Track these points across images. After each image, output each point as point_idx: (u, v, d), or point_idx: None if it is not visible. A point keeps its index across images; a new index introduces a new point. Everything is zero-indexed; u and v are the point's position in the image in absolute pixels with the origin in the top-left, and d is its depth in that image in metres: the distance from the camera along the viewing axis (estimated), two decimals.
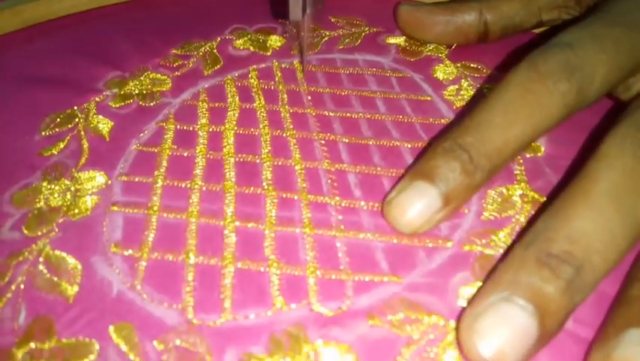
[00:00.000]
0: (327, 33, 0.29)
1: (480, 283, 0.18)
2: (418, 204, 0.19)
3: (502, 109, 0.19)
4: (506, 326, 0.15)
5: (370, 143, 0.23)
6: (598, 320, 0.17)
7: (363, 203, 0.21)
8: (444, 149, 0.19)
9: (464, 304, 0.17)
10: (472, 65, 0.27)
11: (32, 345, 0.17)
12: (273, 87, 0.26)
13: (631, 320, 0.15)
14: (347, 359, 0.16)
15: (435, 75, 0.26)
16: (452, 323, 0.17)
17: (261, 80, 0.26)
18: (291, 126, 0.24)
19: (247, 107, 0.25)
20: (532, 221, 0.18)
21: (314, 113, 0.24)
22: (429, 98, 0.25)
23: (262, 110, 0.25)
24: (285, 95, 0.25)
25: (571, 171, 0.21)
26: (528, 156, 0.22)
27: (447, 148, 0.19)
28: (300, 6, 0.23)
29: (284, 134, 0.23)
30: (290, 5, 0.23)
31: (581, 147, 0.22)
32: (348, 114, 0.24)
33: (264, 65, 0.27)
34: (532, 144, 0.23)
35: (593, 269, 0.16)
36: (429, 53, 0.28)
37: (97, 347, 0.17)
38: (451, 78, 0.26)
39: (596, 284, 0.16)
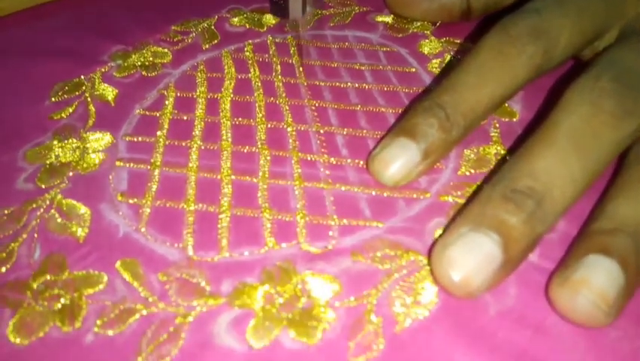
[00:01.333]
0: (319, 12, 0.31)
1: None
2: (400, 159, 0.21)
3: (476, 70, 0.21)
4: (473, 252, 0.17)
5: (357, 109, 0.25)
6: (562, 256, 0.19)
7: (349, 160, 0.23)
8: (423, 108, 0.22)
9: None
10: (455, 41, 0.29)
11: (47, 277, 0.19)
12: (267, 59, 0.28)
13: (590, 248, 0.17)
14: (332, 287, 0.18)
15: (420, 50, 0.29)
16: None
17: (256, 53, 0.28)
18: (284, 94, 0.26)
19: (242, 77, 0.27)
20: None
21: (305, 83, 0.27)
22: (414, 70, 0.27)
23: (257, 80, 0.27)
24: (279, 67, 0.28)
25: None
26: (504, 120, 0.25)
27: (426, 107, 0.21)
28: (300, 4, 0.24)
29: (277, 101, 0.26)
30: (290, 4, 0.24)
31: None
32: (337, 84, 0.27)
33: (258, 40, 0.29)
34: (509, 109, 0.25)
35: (553, 202, 0.18)
36: (415, 30, 0.30)
37: (105, 278, 0.19)
38: (435, 52, 0.29)
39: (556, 216, 0.18)
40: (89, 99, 0.26)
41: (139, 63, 0.28)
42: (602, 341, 0.17)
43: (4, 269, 0.19)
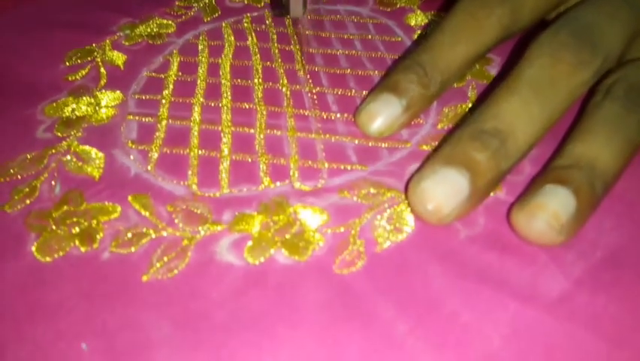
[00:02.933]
0: None
1: None
2: (384, 112, 0.24)
3: (450, 31, 0.24)
4: (444, 185, 0.20)
5: (347, 72, 0.28)
6: None
7: (339, 115, 0.26)
8: (404, 66, 0.24)
9: None
10: (440, 14, 0.32)
11: (66, 208, 0.21)
12: (264, 29, 0.31)
13: (547, 180, 0.20)
14: (321, 217, 0.21)
15: (407, 22, 0.32)
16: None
17: (254, 24, 0.31)
18: (280, 59, 0.29)
19: (241, 44, 0.30)
20: None
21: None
22: (399, 39, 0.30)
23: (254, 46, 0.30)
24: (275, 36, 0.30)
25: None
26: (481, 82, 0.27)
27: (406, 65, 0.24)
28: (301, 3, 0.26)
29: (273, 65, 0.28)
30: (291, 3, 0.26)
31: None
32: (329, 51, 0.29)
33: (256, 14, 0.32)
34: (486, 73, 0.28)
35: (516, 141, 0.21)
36: (403, 5, 0.33)
37: (119, 209, 0.21)
38: (421, 24, 0.31)
39: (518, 154, 0.21)
40: (100, 63, 0.29)
41: (145, 33, 0.31)
42: (560, 259, 0.20)
43: (28, 201, 0.22)
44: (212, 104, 0.26)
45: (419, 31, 0.31)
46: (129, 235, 0.20)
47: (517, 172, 0.22)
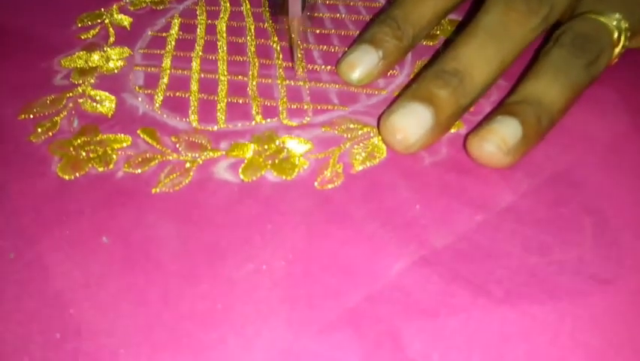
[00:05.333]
0: None
1: None
2: (362, 61, 0.27)
3: None
4: (410, 117, 0.23)
5: (332, 32, 0.32)
6: None
7: (323, 66, 0.29)
8: (379, 20, 0.28)
9: None
10: None
11: (84, 138, 0.25)
12: None
13: (500, 113, 0.24)
14: (305, 146, 0.25)
15: None
16: None
17: None
18: (271, 20, 0.32)
19: (236, 9, 0.34)
20: None
21: None
22: (379, 4, 0.34)
23: (248, 10, 0.33)
24: (267, 2, 0.34)
25: None
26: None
27: (381, 20, 0.28)
28: (299, 3, 0.29)
29: (264, 26, 0.32)
30: (289, 3, 0.29)
31: None
32: (315, 14, 0.33)
33: None
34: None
35: (473, 80, 0.24)
36: None
37: (130, 138, 0.25)
38: None
39: (476, 91, 0.24)
40: (108, 25, 0.32)
41: (149, 0, 0.34)
42: (509, 178, 0.23)
43: (50, 133, 0.25)
44: (210, 58, 0.30)
45: None
46: (139, 159, 0.24)
47: (477, 112, 0.26)
